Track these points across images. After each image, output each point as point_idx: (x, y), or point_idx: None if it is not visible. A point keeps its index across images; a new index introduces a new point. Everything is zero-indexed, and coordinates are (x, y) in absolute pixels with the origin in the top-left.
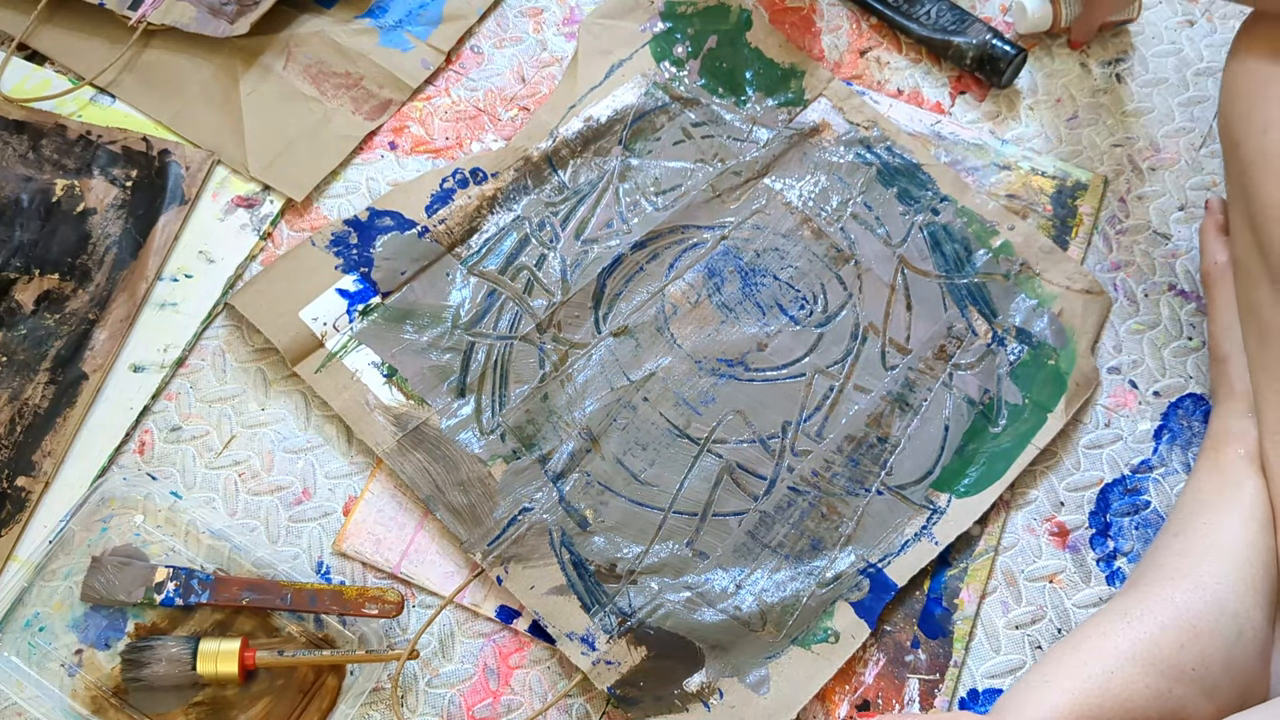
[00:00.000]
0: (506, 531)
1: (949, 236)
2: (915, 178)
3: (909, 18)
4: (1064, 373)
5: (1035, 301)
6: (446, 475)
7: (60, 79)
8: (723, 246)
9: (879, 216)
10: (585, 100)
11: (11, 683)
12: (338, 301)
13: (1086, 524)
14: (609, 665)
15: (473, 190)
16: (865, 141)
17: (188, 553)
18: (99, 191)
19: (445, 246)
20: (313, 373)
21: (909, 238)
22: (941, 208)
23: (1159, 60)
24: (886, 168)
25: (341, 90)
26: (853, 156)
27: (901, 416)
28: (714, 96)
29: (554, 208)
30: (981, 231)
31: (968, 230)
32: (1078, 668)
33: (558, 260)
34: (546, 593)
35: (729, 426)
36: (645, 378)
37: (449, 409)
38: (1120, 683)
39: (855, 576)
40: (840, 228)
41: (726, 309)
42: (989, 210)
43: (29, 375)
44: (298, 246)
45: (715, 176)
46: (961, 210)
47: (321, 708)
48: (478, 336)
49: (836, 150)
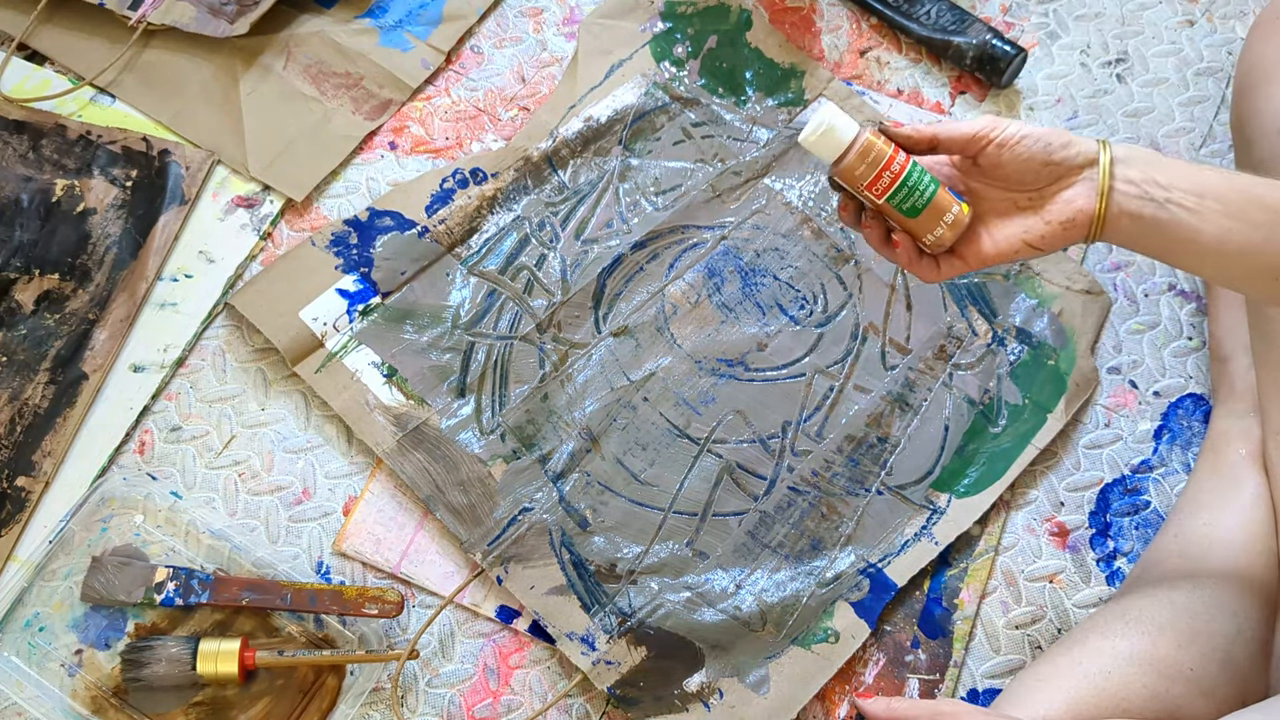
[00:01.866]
0: (506, 531)
1: None
2: None
3: (909, 17)
4: (1064, 373)
5: (1035, 301)
6: (446, 475)
7: (60, 79)
8: (723, 246)
9: None
10: (585, 100)
11: (11, 683)
12: (338, 301)
13: (1086, 524)
14: (609, 665)
15: (473, 190)
16: None
17: (188, 553)
18: (99, 191)
19: (445, 246)
20: (313, 373)
21: None
22: None
23: (1159, 60)
24: None
25: (341, 90)
26: None
27: (901, 416)
28: (714, 96)
29: (554, 208)
30: None
31: None
32: (1074, 667)
33: (558, 260)
34: (546, 593)
35: (729, 426)
36: (645, 378)
37: (449, 409)
38: (1118, 682)
39: (855, 576)
40: (840, 227)
41: (726, 309)
42: None
43: (29, 375)
44: (298, 246)
45: (715, 176)
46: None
47: (321, 708)
48: (478, 336)
49: None
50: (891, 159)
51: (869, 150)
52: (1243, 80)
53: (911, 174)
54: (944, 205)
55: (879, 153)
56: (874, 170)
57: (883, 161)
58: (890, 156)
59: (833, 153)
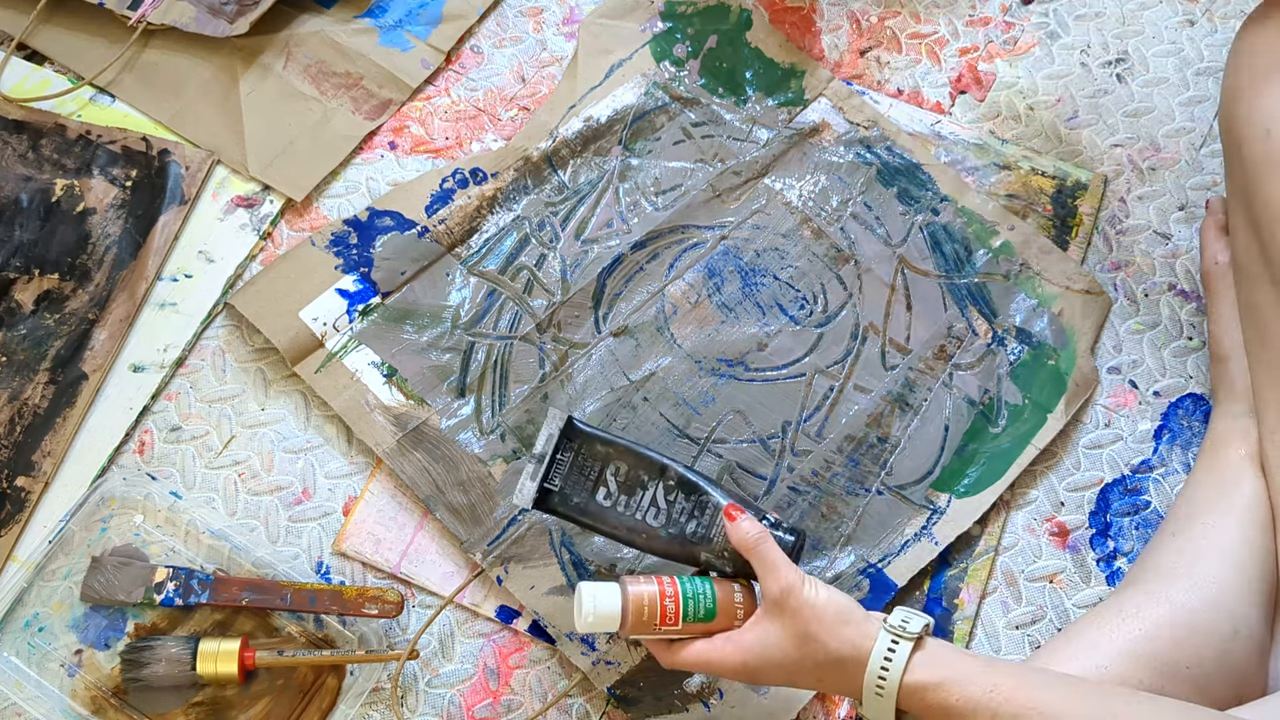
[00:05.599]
0: (506, 531)
1: (949, 236)
2: (915, 178)
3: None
4: (1064, 373)
5: (1035, 301)
6: (446, 475)
7: (60, 79)
8: (723, 246)
9: (879, 216)
10: (585, 100)
11: (11, 683)
12: (338, 301)
13: (1087, 524)
14: (609, 665)
15: (473, 190)
16: (865, 141)
17: (188, 553)
18: (99, 191)
19: (445, 246)
20: (313, 373)
21: (909, 238)
22: (941, 208)
23: (1159, 60)
24: (886, 167)
25: (341, 90)
26: (853, 156)
27: (901, 416)
28: (714, 96)
29: (554, 208)
30: (981, 231)
31: (968, 230)
32: (1068, 663)
33: (558, 260)
34: (547, 593)
35: (729, 426)
36: (645, 378)
37: (449, 409)
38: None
39: (855, 576)
40: (840, 228)
41: (726, 309)
42: (989, 210)
43: (29, 375)
44: (298, 246)
45: (715, 176)
46: (961, 210)
47: (321, 708)
48: (478, 336)
49: (836, 150)
50: (662, 593)
51: (640, 601)
52: (1231, 83)
53: (685, 589)
54: (727, 594)
55: (649, 595)
56: (657, 611)
57: (658, 599)
58: (660, 591)
59: (615, 623)
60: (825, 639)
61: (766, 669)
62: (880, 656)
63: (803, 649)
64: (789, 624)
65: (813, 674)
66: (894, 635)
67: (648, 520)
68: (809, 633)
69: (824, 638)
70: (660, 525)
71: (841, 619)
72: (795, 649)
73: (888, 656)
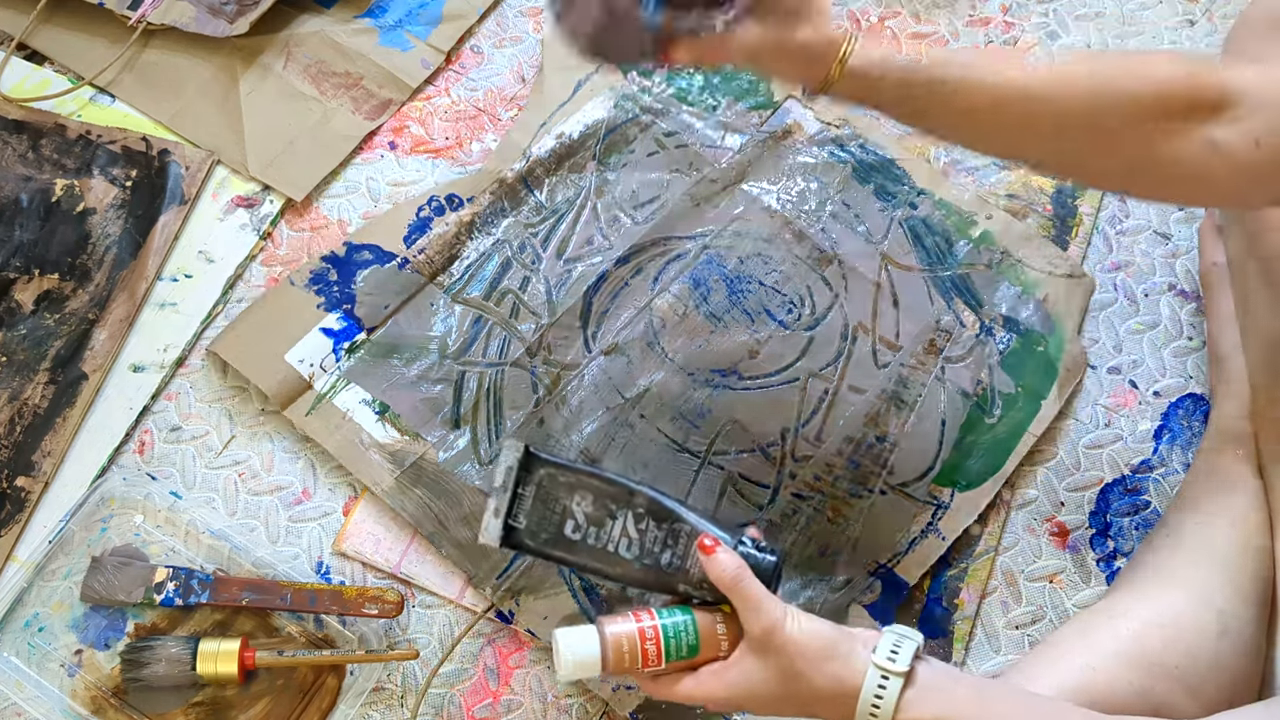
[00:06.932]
0: (515, 564)
1: (929, 230)
2: (890, 173)
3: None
4: (1054, 358)
5: (1019, 289)
6: (449, 511)
7: (60, 79)
8: (706, 256)
9: (858, 214)
10: (555, 117)
11: (11, 683)
12: (323, 341)
13: (1087, 524)
14: (629, 690)
15: (450, 217)
16: (837, 139)
17: (188, 553)
18: (99, 191)
19: (427, 276)
20: (303, 416)
21: (889, 233)
22: (919, 201)
23: None
24: (861, 165)
25: (341, 90)
26: (827, 155)
27: (898, 414)
28: (684, 105)
29: (533, 228)
30: (960, 222)
31: (947, 222)
32: (1059, 662)
33: (541, 282)
34: (560, 622)
35: (728, 437)
36: (640, 394)
37: (445, 441)
38: (1103, 679)
39: (867, 579)
40: (821, 228)
41: (715, 318)
42: (966, 200)
43: (29, 375)
44: (277, 287)
45: (692, 186)
46: (939, 203)
47: (321, 708)
48: (468, 365)
49: (810, 150)
50: (642, 634)
51: (619, 644)
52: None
53: (666, 628)
54: (709, 625)
55: (627, 637)
56: (639, 653)
57: (638, 640)
58: (639, 632)
59: (596, 668)
60: (811, 675)
61: (753, 704)
62: (870, 696)
63: (788, 686)
64: (773, 661)
65: (801, 709)
66: (883, 672)
67: (620, 552)
68: (795, 670)
69: (810, 674)
70: (634, 557)
71: (826, 654)
72: (780, 686)
73: (878, 694)
